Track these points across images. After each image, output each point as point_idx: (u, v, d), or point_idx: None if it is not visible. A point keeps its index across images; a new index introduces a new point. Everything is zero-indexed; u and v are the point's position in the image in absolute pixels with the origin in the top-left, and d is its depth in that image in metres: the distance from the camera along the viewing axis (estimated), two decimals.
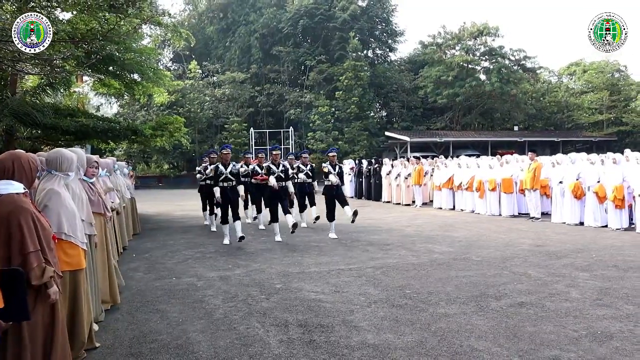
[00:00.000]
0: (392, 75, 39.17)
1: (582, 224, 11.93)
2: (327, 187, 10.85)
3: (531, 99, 38.58)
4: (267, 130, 35.45)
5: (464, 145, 34.52)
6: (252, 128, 34.79)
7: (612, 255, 8.17)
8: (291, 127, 34.04)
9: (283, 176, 10.30)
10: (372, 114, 38.07)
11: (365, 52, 39.82)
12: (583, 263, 7.61)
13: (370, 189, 20.91)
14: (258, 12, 40.30)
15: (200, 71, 38.99)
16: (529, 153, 13.59)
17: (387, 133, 35.27)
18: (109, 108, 37.67)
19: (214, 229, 12.03)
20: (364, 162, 22.05)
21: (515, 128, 37.49)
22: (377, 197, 20.08)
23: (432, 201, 17.70)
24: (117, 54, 12.69)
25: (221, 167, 9.84)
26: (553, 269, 7.24)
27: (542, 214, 13.39)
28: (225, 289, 6.40)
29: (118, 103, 36.07)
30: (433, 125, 38.04)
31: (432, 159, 19.62)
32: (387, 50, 42.70)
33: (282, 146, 33.75)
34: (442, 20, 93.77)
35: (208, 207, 12.59)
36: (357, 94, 34.57)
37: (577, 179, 12.08)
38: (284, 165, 10.53)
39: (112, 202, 7.42)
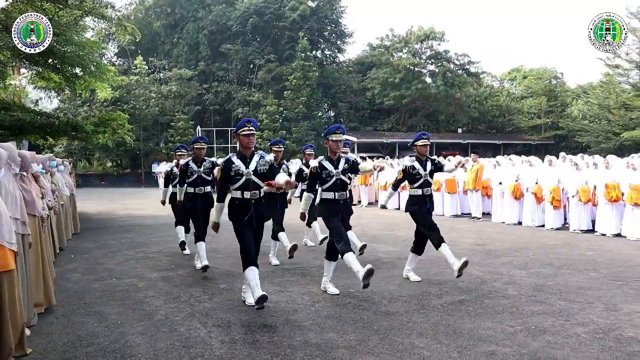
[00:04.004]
0: (341, 76, 39.44)
1: (520, 223, 12.39)
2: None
3: (474, 102, 39.72)
4: (215, 129, 34.99)
5: (410, 146, 35.13)
6: (199, 126, 34.24)
7: (547, 254, 8.52)
8: None
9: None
10: (320, 114, 38.20)
11: (314, 52, 39.89)
12: (520, 261, 7.90)
13: None
14: (207, 9, 39.68)
15: (146, 67, 38.04)
16: (472, 155, 14.00)
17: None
18: (49, 103, 36.34)
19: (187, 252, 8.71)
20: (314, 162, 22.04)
21: (459, 130, 38.50)
22: None
23: (377, 201, 17.95)
24: (57, 46, 12.20)
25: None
26: (492, 267, 7.48)
27: (483, 213, 13.81)
28: (167, 290, 6.26)
29: (58, 98, 34.80)
30: (380, 126, 38.56)
31: (378, 159, 19.87)
32: (336, 51, 42.95)
33: (229, 145, 33.43)
34: (390, 22, 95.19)
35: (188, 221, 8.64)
36: (306, 94, 34.61)
37: (516, 181, 12.54)
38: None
39: (49, 201, 7.13)
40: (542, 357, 4.01)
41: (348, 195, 6.11)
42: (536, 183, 12.08)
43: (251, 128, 5.38)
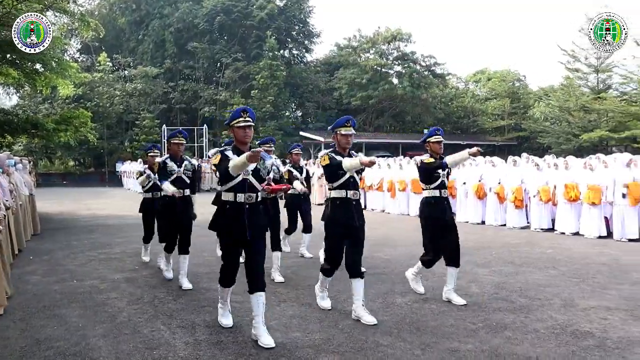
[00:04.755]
0: (308, 76, 39.51)
1: (483, 222, 12.63)
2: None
3: (440, 103, 40.39)
4: (180, 128, 34.38)
5: (376, 146, 35.46)
6: (164, 125, 33.73)
7: (509, 252, 8.72)
8: (205, 125, 33.37)
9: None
10: (287, 114, 38.21)
11: (282, 51, 39.85)
12: (483, 260, 8.06)
13: None
14: (173, 6, 39.19)
15: (110, 64, 37.30)
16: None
17: (302, 133, 35.51)
18: (7, 99, 35.31)
19: (165, 269, 7.05)
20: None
21: (425, 131, 38.73)
22: None
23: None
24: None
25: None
26: None
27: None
28: (130, 291, 6.16)
29: (17, 94, 33.86)
30: None
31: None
32: (304, 50, 43.03)
33: (196, 144, 33.07)
34: (357, 23, 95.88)
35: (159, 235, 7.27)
36: (273, 94, 34.52)
37: (479, 181, 12.78)
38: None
39: (7, 201, 6.93)
40: (503, 353, 4.11)
41: (360, 195, 5.26)
42: (499, 183, 12.34)
43: (247, 119, 4.43)
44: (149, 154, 7.97)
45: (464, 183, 13.14)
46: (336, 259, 5.06)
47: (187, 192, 6.43)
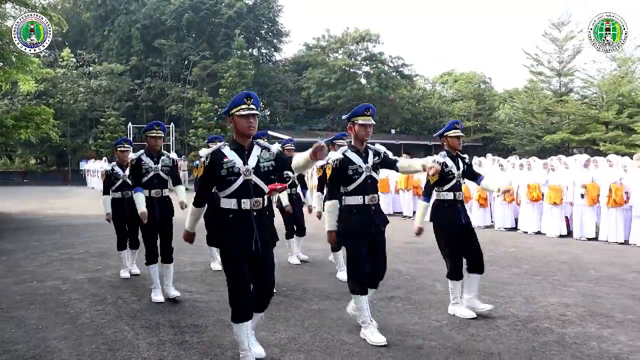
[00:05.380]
0: (277, 75, 39.44)
1: None
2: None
3: (407, 104, 40.82)
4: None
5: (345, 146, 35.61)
6: (130, 123, 33.17)
7: None
8: (172, 124, 32.94)
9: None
10: None
11: (250, 50, 39.66)
12: None
13: None
14: (140, 2, 38.58)
15: (74, 60, 36.51)
16: (404, 155, 14.37)
17: (270, 132, 35.29)
18: None
19: (134, 270, 6.98)
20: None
21: (392, 131, 39.39)
22: None
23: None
24: None
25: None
26: (421, 264, 7.72)
27: (414, 212, 14.19)
28: (93, 292, 6.04)
29: None
30: (315, 125, 38.85)
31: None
32: (272, 50, 42.95)
33: (163, 143, 32.55)
34: (326, 23, 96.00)
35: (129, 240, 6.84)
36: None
37: None
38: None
39: None
40: (466, 350, 4.18)
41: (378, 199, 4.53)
42: (464, 183, 12.52)
43: (252, 106, 3.64)
44: (119, 149, 6.97)
45: None
46: (362, 270, 4.30)
47: (166, 192, 5.77)
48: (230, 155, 3.66)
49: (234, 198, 3.64)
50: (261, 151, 3.76)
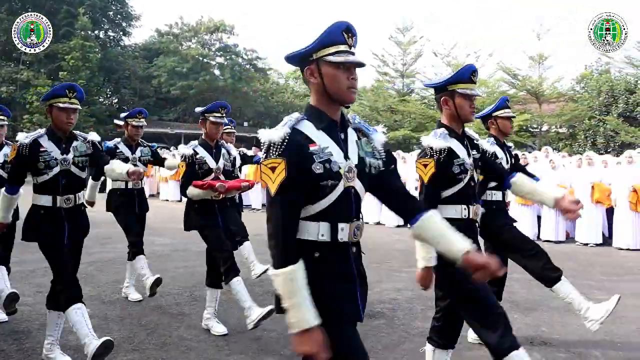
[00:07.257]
0: (125, 61, 37.24)
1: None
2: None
3: (261, 97, 40.99)
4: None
5: (196, 137, 34.80)
6: None
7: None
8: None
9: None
10: (101, 100, 35.65)
11: (96, 32, 36.98)
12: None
13: None
14: None
15: None
16: (253, 148, 14.52)
17: (116, 121, 33.02)
18: None
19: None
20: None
21: (245, 124, 39.41)
22: None
23: (158, 193, 17.52)
24: None
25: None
26: None
27: None
28: None
29: None
30: (166, 115, 37.50)
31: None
32: (121, 33, 40.40)
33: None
34: (180, 10, 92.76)
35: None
36: (85, 77, 31.80)
37: None
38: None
39: None
40: None
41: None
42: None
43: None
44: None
45: None
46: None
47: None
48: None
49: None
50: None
